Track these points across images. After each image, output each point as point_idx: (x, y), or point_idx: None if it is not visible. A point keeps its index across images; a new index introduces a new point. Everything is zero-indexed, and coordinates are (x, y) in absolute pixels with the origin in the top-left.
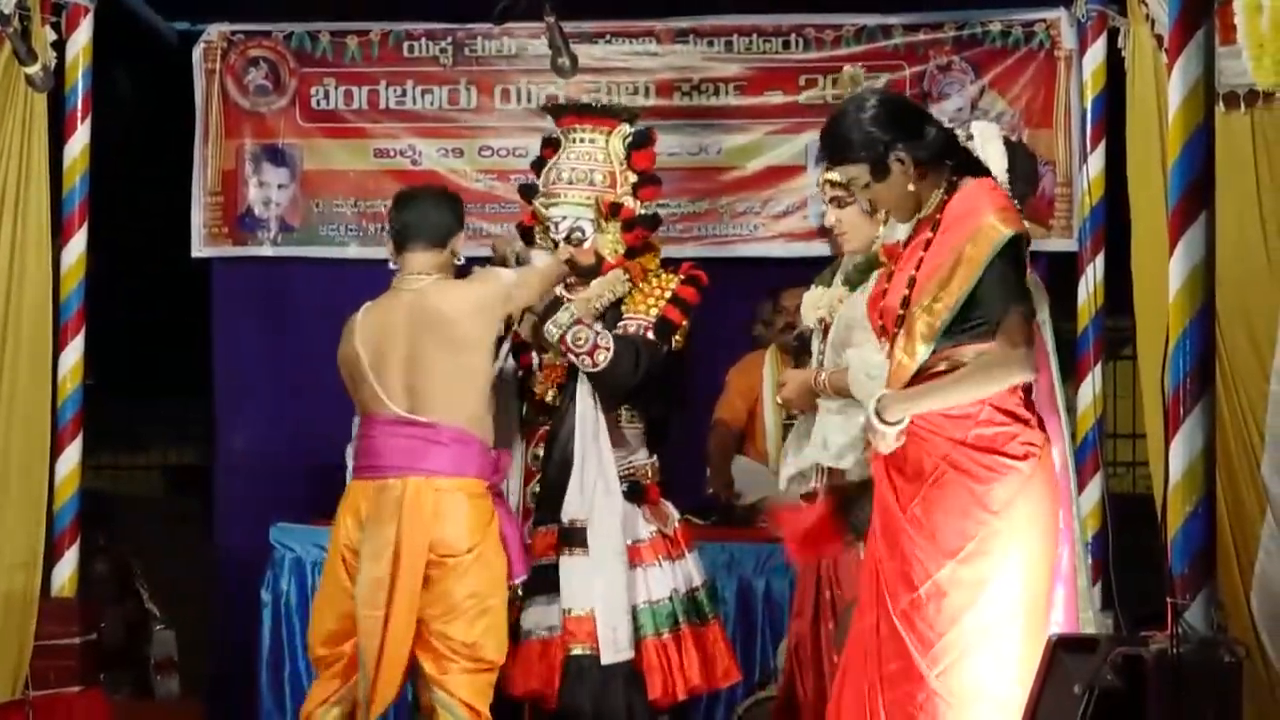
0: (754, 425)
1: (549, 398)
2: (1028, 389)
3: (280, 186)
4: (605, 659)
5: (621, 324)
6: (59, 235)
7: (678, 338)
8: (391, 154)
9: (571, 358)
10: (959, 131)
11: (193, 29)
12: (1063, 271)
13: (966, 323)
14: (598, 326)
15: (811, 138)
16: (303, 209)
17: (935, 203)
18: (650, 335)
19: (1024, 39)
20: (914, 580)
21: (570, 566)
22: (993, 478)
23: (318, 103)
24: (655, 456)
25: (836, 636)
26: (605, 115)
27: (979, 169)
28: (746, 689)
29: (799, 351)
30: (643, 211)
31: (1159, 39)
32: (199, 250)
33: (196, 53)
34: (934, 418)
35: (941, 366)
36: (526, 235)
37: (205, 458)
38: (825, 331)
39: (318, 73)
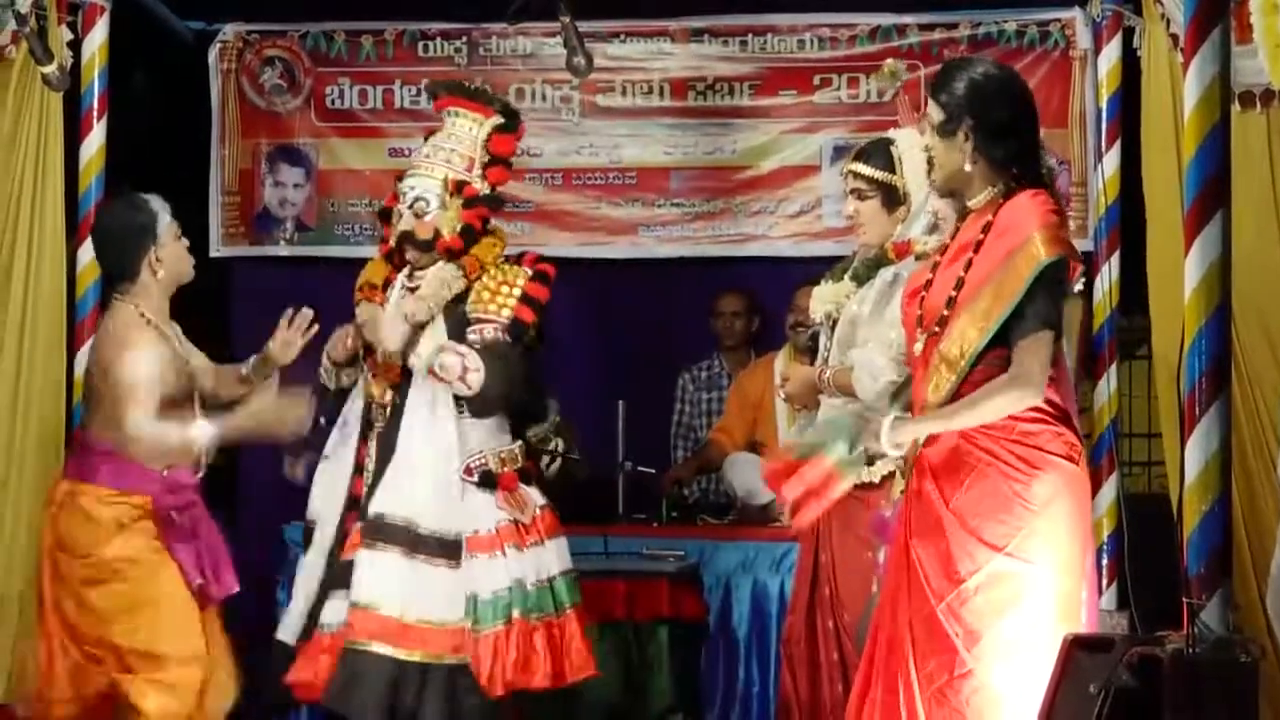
0: (764, 429)
1: (377, 394)
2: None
3: (296, 186)
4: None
5: (475, 329)
6: (74, 234)
7: (530, 334)
8: (406, 153)
9: (444, 385)
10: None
11: (208, 29)
12: None
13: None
14: (461, 348)
15: (826, 137)
16: (318, 208)
17: (986, 200)
18: (505, 337)
19: (1039, 39)
20: (960, 573)
21: (366, 560)
22: (1034, 474)
23: (333, 102)
24: (519, 442)
25: (856, 637)
26: (479, 101)
27: (1041, 181)
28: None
29: (812, 350)
30: (486, 192)
31: (1174, 38)
32: (217, 250)
33: (212, 53)
34: None
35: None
36: (385, 215)
37: (224, 457)
38: (833, 327)
39: (333, 72)
